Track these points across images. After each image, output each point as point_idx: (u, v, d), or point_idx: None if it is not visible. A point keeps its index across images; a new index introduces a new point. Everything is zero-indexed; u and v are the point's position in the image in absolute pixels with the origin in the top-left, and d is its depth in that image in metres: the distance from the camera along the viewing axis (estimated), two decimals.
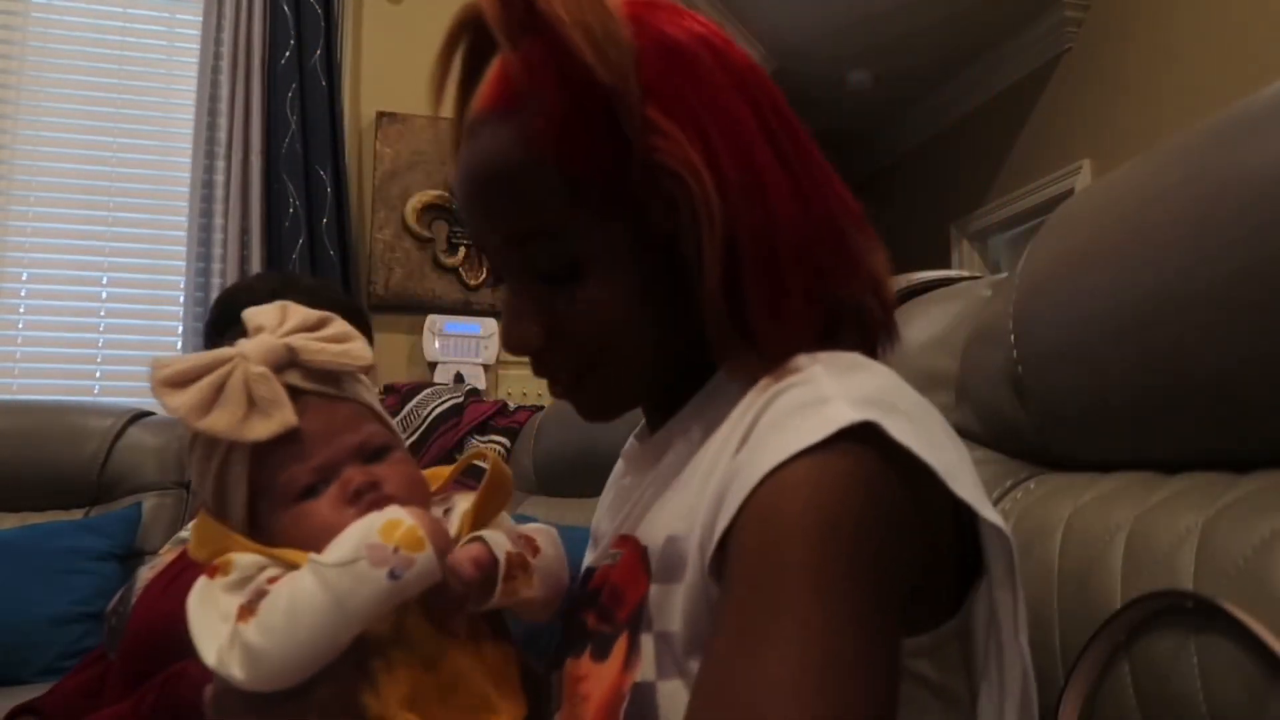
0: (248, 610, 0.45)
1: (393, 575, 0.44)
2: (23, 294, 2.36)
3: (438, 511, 0.55)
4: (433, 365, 2.44)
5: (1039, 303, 0.63)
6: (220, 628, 0.45)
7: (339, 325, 0.54)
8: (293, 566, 0.47)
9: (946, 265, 3.87)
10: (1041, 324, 0.62)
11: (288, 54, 2.38)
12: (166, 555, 1.21)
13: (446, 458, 1.92)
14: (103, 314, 2.40)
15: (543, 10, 0.45)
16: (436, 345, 2.44)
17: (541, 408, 2.00)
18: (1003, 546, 0.43)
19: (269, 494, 0.51)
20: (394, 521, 0.46)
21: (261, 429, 0.49)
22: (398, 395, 2.08)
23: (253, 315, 0.54)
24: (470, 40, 0.52)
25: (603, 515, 0.65)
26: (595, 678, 0.49)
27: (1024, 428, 0.65)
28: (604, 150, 0.46)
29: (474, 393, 2.16)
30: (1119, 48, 3.16)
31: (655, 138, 0.46)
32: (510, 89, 0.48)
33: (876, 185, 4.76)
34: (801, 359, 0.47)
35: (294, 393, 0.51)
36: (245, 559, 0.48)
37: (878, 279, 0.52)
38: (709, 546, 0.42)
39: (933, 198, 4.22)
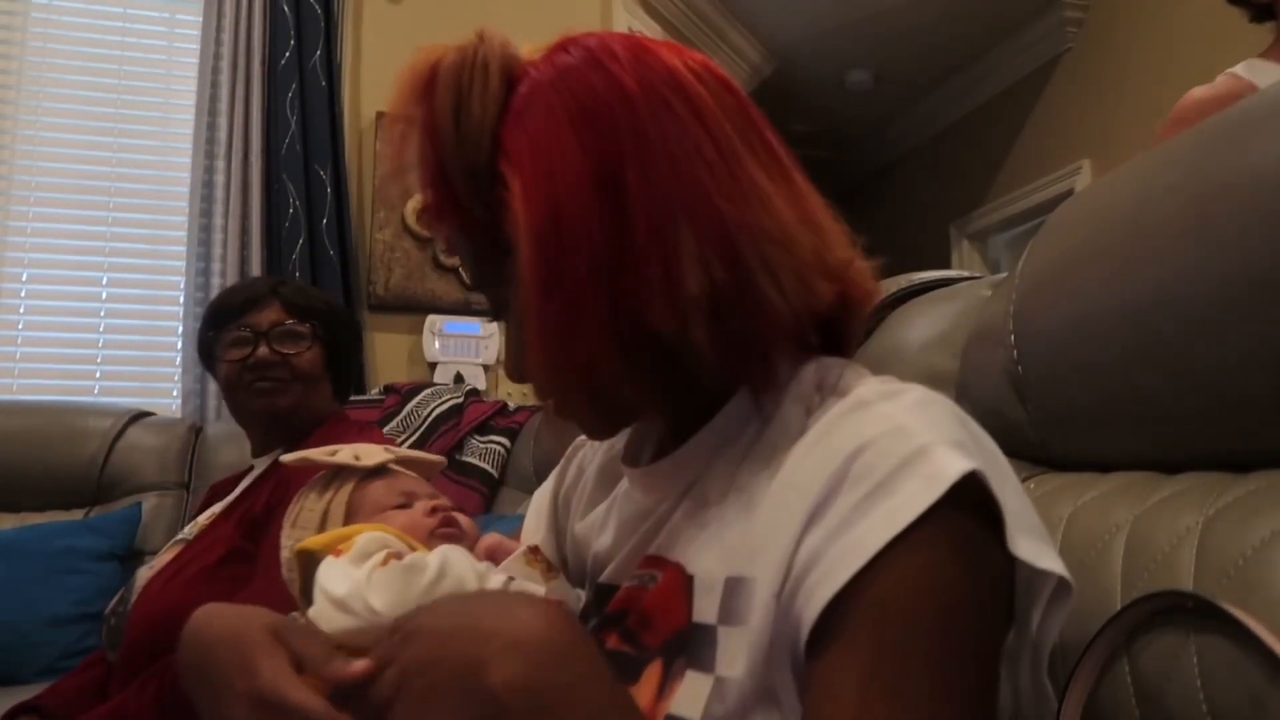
0: (395, 556, 0.57)
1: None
2: (23, 294, 2.35)
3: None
4: (433, 365, 2.44)
5: (1039, 303, 0.63)
6: (354, 573, 0.54)
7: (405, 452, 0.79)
8: (411, 546, 0.62)
9: (946, 265, 3.87)
10: (1041, 324, 0.62)
11: (288, 54, 2.38)
12: (165, 555, 1.22)
13: (447, 457, 1.92)
14: (103, 314, 2.40)
15: (422, 98, 0.50)
16: (436, 345, 2.44)
17: (541, 408, 1.99)
18: (1062, 589, 0.44)
19: (364, 510, 0.70)
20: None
21: (371, 460, 0.74)
22: (398, 396, 2.08)
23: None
24: None
25: (596, 528, 0.62)
26: None
27: (1024, 428, 0.65)
28: (469, 214, 0.51)
29: (474, 393, 2.16)
30: (1119, 48, 3.16)
31: (503, 190, 0.48)
32: None
33: (876, 185, 4.75)
34: (861, 390, 0.47)
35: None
36: (365, 538, 0.59)
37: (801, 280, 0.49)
38: (807, 611, 0.41)
39: (933, 198, 4.23)
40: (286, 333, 1.28)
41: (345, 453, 0.74)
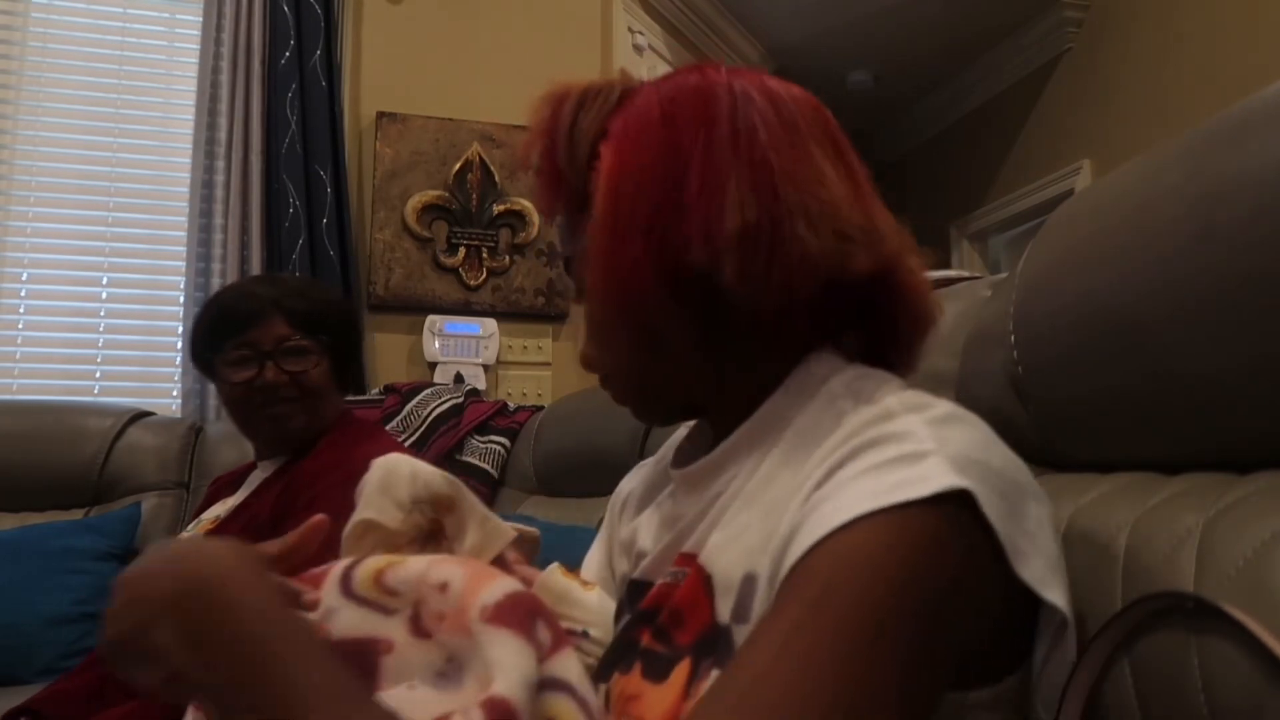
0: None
1: None
2: (23, 294, 2.35)
3: None
4: (433, 365, 2.44)
5: (1039, 303, 0.63)
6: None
7: None
8: None
9: (946, 265, 3.87)
10: (1041, 324, 0.62)
11: (288, 54, 2.38)
12: None
13: (446, 457, 1.92)
14: (103, 314, 2.40)
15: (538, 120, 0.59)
16: (436, 345, 2.44)
17: (541, 408, 2.00)
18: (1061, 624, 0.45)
19: None
20: None
21: None
22: (398, 396, 2.08)
23: None
24: None
25: (640, 529, 0.65)
26: (649, 699, 0.49)
27: (1024, 428, 0.65)
28: (570, 187, 0.58)
29: (474, 393, 2.16)
30: (1119, 48, 3.16)
31: (597, 161, 0.55)
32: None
33: (876, 185, 4.73)
34: (890, 401, 0.48)
35: None
36: None
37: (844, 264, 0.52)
38: (778, 580, 0.43)
39: (933, 198, 4.22)
40: (293, 349, 1.21)
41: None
